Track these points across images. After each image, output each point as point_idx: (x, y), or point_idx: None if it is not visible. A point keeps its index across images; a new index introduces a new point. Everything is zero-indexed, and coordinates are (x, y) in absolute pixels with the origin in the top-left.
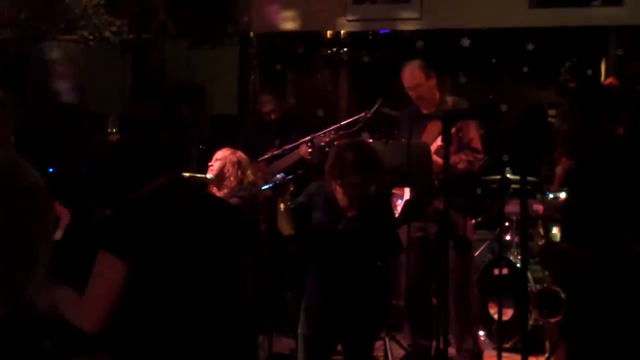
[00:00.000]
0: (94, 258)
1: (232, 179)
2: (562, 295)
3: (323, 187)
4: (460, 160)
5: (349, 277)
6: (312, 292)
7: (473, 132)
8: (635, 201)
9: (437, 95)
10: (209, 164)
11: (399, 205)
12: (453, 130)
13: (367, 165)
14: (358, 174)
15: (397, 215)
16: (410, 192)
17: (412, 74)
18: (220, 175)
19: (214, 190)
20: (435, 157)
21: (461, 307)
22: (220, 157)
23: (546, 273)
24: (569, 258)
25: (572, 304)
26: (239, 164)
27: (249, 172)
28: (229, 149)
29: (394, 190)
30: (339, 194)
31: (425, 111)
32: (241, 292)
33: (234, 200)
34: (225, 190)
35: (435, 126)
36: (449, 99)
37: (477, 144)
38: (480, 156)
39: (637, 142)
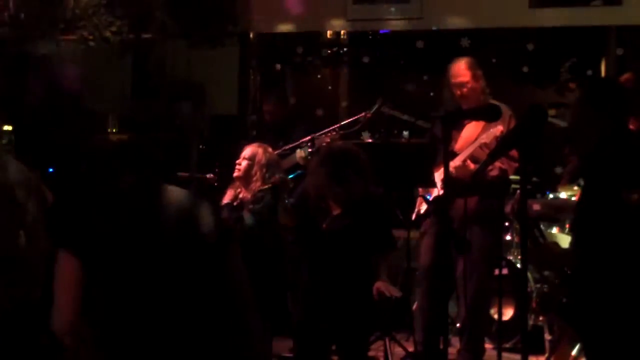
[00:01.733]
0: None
1: (258, 183)
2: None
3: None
4: (493, 168)
5: (336, 275)
6: (304, 291)
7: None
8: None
9: (482, 98)
10: (237, 162)
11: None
12: (495, 135)
13: (342, 174)
14: (333, 182)
15: (422, 214)
16: (439, 190)
17: (458, 71)
18: (247, 176)
19: (242, 189)
20: (468, 163)
21: (474, 309)
22: (249, 157)
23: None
24: (559, 259)
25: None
26: (267, 165)
27: (277, 175)
28: (260, 145)
29: (422, 190)
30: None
31: None
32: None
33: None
34: (251, 193)
35: (471, 130)
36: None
37: (514, 151)
38: (516, 165)
39: None
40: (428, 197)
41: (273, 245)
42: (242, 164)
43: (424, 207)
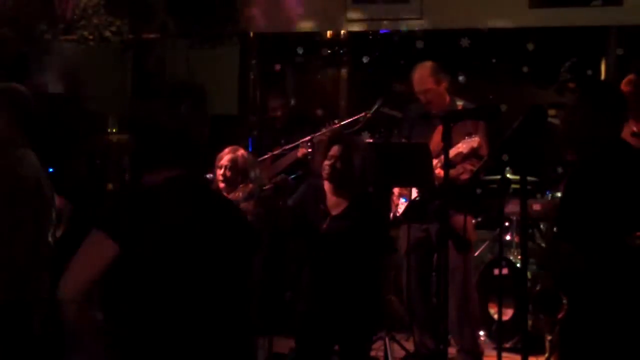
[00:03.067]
0: None
1: (250, 186)
2: (562, 296)
3: (313, 186)
4: (464, 171)
5: (337, 276)
6: (305, 292)
7: (481, 139)
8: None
9: (448, 99)
10: (218, 172)
11: (403, 204)
12: (472, 146)
13: (360, 159)
14: (350, 166)
15: (399, 214)
16: (418, 192)
17: (421, 79)
18: (233, 183)
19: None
20: (438, 170)
21: (461, 307)
22: (230, 167)
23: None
24: (574, 260)
25: (573, 306)
26: (250, 169)
27: (256, 171)
28: (235, 150)
29: (399, 190)
30: (327, 191)
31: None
32: (239, 296)
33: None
34: (239, 193)
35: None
36: (459, 103)
37: (484, 151)
38: (479, 163)
39: None
40: (405, 199)
41: (272, 244)
42: (227, 174)
43: (401, 208)
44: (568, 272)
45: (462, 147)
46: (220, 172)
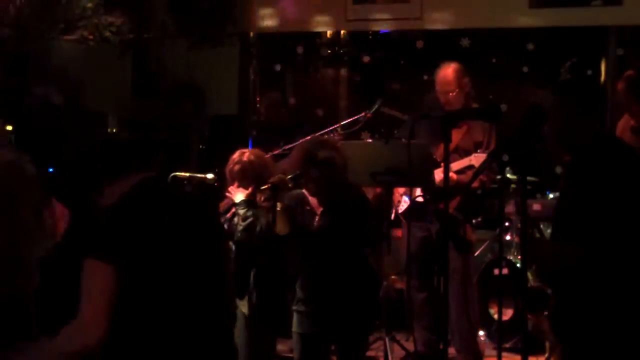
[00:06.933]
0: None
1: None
2: (548, 292)
3: (297, 193)
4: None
5: (331, 273)
6: (302, 291)
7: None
8: (622, 201)
9: (465, 104)
10: (230, 181)
11: (405, 202)
12: (483, 160)
13: (313, 161)
14: (306, 169)
15: (401, 213)
16: (422, 192)
17: (444, 78)
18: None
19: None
20: (451, 175)
21: (462, 307)
22: (241, 176)
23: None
24: (556, 255)
25: (560, 302)
26: (260, 171)
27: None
28: (239, 158)
29: (402, 190)
30: (307, 195)
31: None
32: (219, 287)
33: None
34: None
35: (456, 134)
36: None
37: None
38: (494, 177)
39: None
40: (408, 197)
41: (272, 245)
42: (240, 185)
43: (402, 206)
44: (557, 269)
45: (473, 160)
46: (230, 189)
